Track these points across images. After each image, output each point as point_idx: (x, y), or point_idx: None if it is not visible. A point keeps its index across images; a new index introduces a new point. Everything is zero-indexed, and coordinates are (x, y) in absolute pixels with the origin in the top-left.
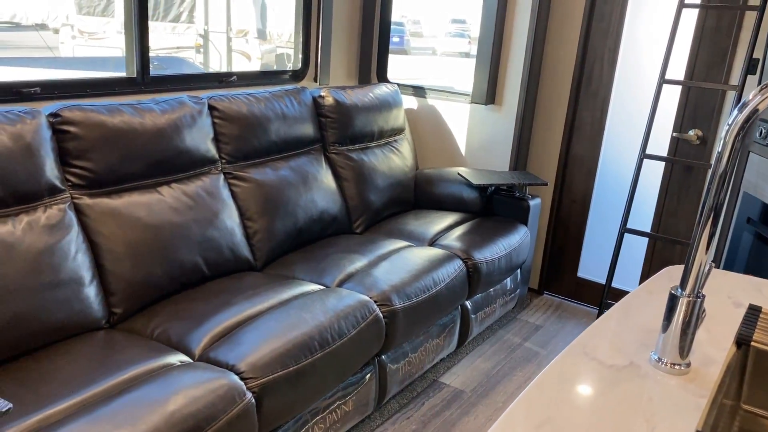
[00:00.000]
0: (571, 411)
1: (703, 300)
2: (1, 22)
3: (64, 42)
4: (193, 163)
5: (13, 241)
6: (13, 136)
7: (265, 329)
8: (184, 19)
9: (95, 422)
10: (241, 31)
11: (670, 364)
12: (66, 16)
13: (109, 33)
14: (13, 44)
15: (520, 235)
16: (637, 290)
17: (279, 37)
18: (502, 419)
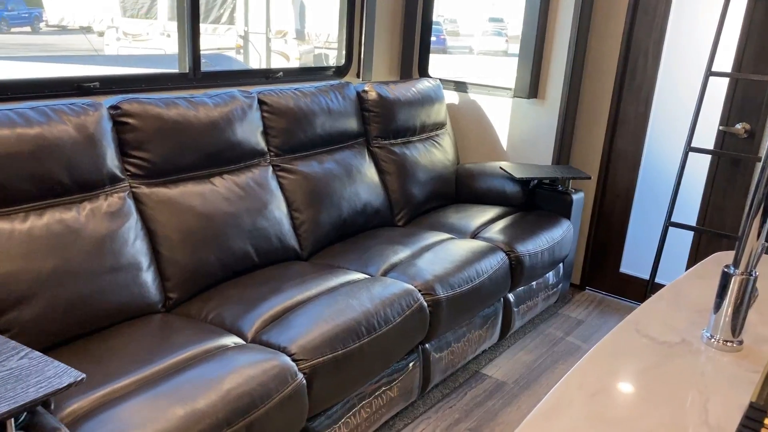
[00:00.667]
0: (624, 382)
1: (756, 279)
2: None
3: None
4: (244, 155)
5: (77, 227)
6: (78, 126)
7: (314, 314)
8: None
9: (158, 397)
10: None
11: (723, 341)
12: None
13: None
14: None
15: (563, 229)
16: (687, 274)
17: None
18: (556, 389)
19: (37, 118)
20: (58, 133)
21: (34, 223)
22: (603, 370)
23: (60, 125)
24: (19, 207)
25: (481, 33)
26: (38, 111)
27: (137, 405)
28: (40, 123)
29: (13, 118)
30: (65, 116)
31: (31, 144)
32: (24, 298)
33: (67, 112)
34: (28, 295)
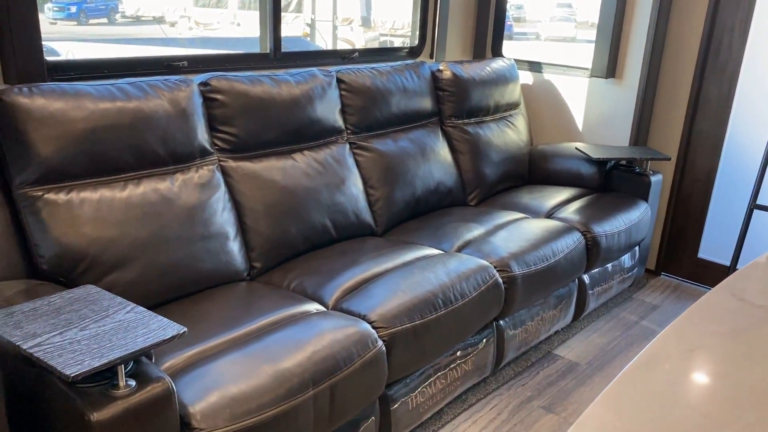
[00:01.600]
0: (721, 341)
1: None
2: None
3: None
4: (323, 132)
5: (171, 197)
6: (172, 101)
7: (392, 285)
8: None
9: (248, 356)
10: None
11: None
12: (183, 8)
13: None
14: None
15: (641, 211)
16: None
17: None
18: (651, 345)
19: (135, 93)
20: (154, 106)
21: (132, 192)
22: (699, 329)
23: (156, 99)
24: (119, 176)
25: (549, 19)
26: (136, 86)
27: (230, 362)
28: (137, 97)
29: (113, 92)
30: (160, 91)
31: (130, 116)
32: (124, 261)
33: (161, 88)
34: (128, 259)
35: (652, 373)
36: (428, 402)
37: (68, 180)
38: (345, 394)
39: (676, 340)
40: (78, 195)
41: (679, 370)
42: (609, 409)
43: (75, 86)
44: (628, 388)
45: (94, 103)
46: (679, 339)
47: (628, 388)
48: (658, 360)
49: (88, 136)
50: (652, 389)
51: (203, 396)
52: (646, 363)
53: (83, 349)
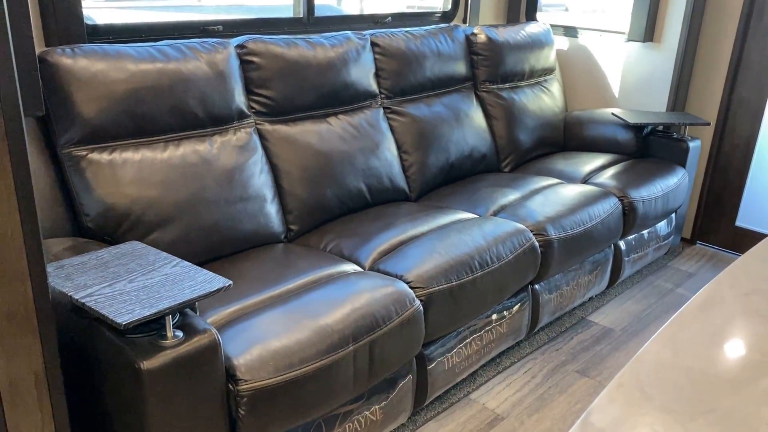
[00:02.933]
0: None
1: None
2: None
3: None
4: (357, 96)
5: (210, 158)
6: (210, 63)
7: (428, 247)
8: None
9: (289, 312)
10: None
11: None
12: None
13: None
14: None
15: (678, 177)
16: None
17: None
18: (704, 289)
19: (174, 54)
20: (192, 68)
21: (173, 153)
22: (754, 274)
23: (194, 61)
24: (159, 137)
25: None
26: (174, 48)
27: (271, 318)
28: (176, 59)
29: (153, 53)
30: (198, 53)
31: (169, 78)
32: (165, 221)
33: (199, 49)
34: (169, 219)
35: (707, 315)
36: (464, 363)
37: (111, 140)
38: (383, 351)
39: (731, 285)
40: (120, 155)
41: (734, 312)
42: (666, 346)
43: (116, 47)
44: (684, 328)
45: (134, 64)
46: (733, 283)
47: (684, 328)
48: (713, 303)
49: (129, 96)
50: (708, 329)
51: (247, 349)
52: (702, 305)
53: (132, 300)
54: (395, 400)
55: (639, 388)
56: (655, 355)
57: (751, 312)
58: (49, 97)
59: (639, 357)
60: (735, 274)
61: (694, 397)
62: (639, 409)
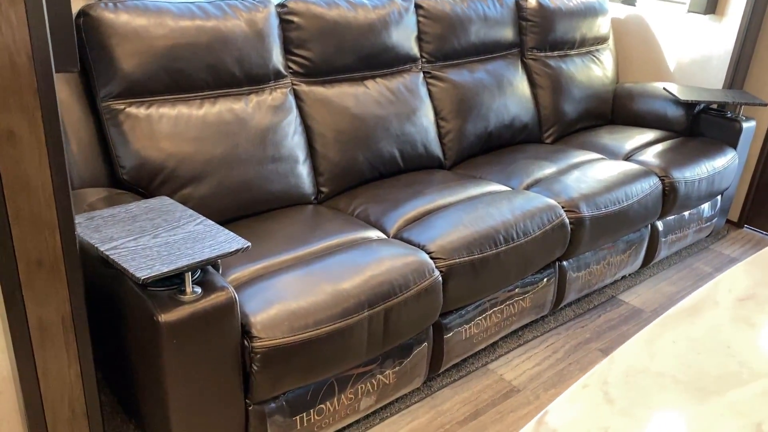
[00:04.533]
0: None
1: None
2: None
3: None
4: (397, 60)
5: (245, 117)
6: (249, 21)
7: (455, 218)
8: None
9: (309, 274)
10: None
11: None
12: None
13: None
14: None
15: (727, 159)
16: None
17: None
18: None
19: (213, 12)
20: (231, 26)
21: (208, 110)
22: (756, 279)
23: (233, 20)
24: (196, 94)
25: None
26: (215, 5)
27: (291, 279)
28: (216, 16)
29: (193, 10)
30: (238, 11)
31: (208, 35)
32: (198, 176)
33: (239, 8)
34: (202, 175)
35: (695, 318)
36: (482, 334)
37: (149, 95)
38: (399, 319)
39: (729, 288)
40: (157, 110)
41: (724, 318)
42: (643, 349)
43: (157, 3)
44: (668, 330)
45: (174, 21)
46: (732, 287)
47: (668, 330)
48: (704, 306)
49: (167, 52)
50: (692, 334)
51: (264, 308)
52: (692, 308)
53: (154, 255)
54: (409, 366)
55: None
56: (630, 357)
57: (741, 319)
58: (90, 51)
59: (613, 357)
60: (736, 276)
61: (657, 404)
62: (597, 412)
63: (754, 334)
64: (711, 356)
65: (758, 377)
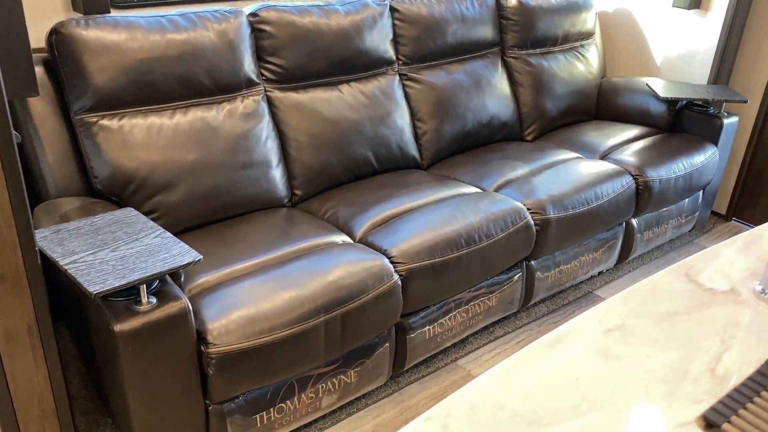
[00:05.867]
0: (647, 321)
1: None
2: None
3: None
4: (372, 64)
5: (216, 126)
6: (219, 33)
7: (419, 222)
8: None
9: (269, 280)
10: None
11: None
12: None
13: None
14: None
15: (706, 155)
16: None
17: None
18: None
19: (184, 25)
20: (201, 38)
21: (180, 120)
22: (630, 308)
23: (203, 31)
24: (168, 105)
25: None
26: (186, 18)
27: (251, 285)
28: (186, 29)
29: (164, 24)
30: (208, 23)
31: (178, 48)
32: (170, 184)
33: (210, 19)
34: (173, 182)
35: (556, 350)
36: (447, 333)
37: (121, 107)
38: (357, 322)
39: (600, 319)
40: (129, 121)
41: (586, 350)
42: (495, 381)
43: (128, 18)
44: (527, 361)
45: (144, 35)
46: (603, 318)
47: (527, 361)
48: (572, 336)
49: (138, 66)
50: (548, 367)
51: (221, 315)
52: (556, 339)
53: (109, 270)
54: (371, 365)
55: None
56: (479, 389)
57: (599, 351)
58: (63, 67)
59: (464, 390)
60: (612, 306)
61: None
62: None
63: (607, 366)
64: (557, 388)
65: (595, 409)
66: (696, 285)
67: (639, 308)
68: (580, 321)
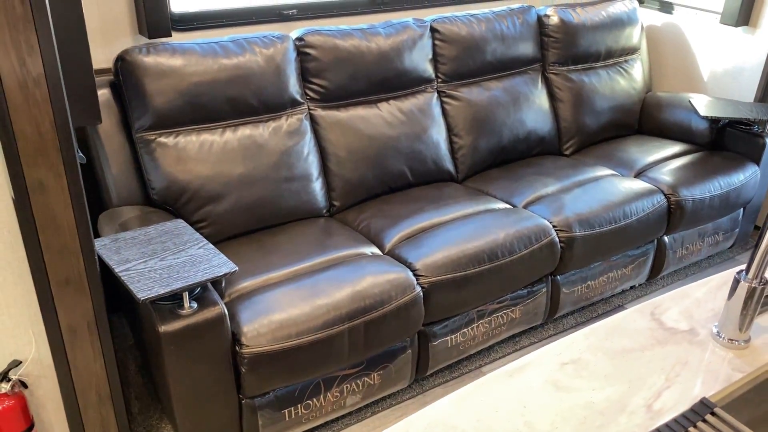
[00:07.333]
0: (602, 357)
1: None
2: None
3: None
4: (411, 82)
5: (262, 142)
6: (267, 58)
7: (445, 237)
8: None
9: (299, 288)
10: None
11: (728, 338)
12: None
13: None
14: None
15: (746, 175)
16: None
17: None
18: (537, 352)
19: (234, 50)
20: (250, 62)
21: (229, 137)
22: (590, 343)
23: (252, 56)
24: (218, 123)
25: None
26: (236, 43)
27: (284, 292)
28: (237, 54)
29: (216, 50)
30: (257, 48)
31: (229, 72)
32: (218, 196)
33: (258, 44)
34: (221, 194)
35: (514, 379)
36: (469, 342)
37: (176, 126)
38: (379, 330)
39: (559, 352)
40: (184, 138)
41: (539, 382)
42: (454, 404)
43: (183, 45)
44: (485, 389)
45: (198, 61)
46: (562, 351)
47: (485, 389)
48: (529, 368)
49: (193, 89)
50: (503, 395)
51: (254, 319)
52: (517, 370)
53: (156, 277)
54: (393, 369)
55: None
56: (437, 411)
57: (552, 383)
58: (127, 90)
59: (424, 411)
60: (573, 340)
61: None
62: None
63: (555, 397)
64: (505, 415)
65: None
66: (658, 324)
67: (598, 343)
68: (541, 353)
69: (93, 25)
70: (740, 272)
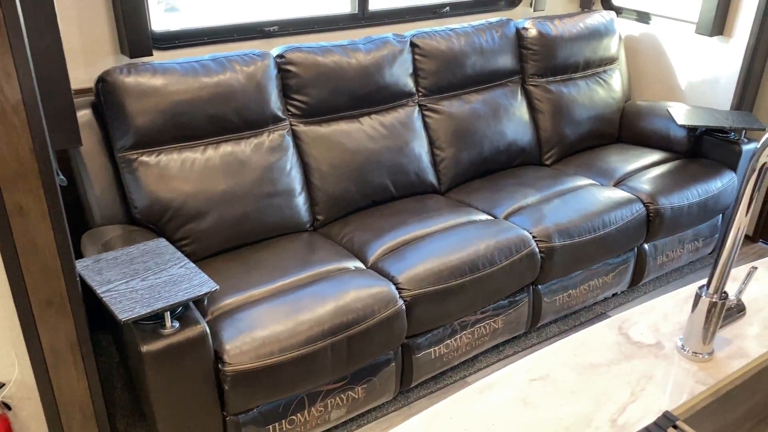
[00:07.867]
0: (570, 372)
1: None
2: None
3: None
4: (392, 97)
5: (244, 159)
6: (248, 75)
7: (427, 250)
8: None
9: (282, 305)
10: None
11: (692, 351)
12: None
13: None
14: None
15: (724, 182)
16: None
17: None
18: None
19: (214, 68)
20: (231, 81)
21: (211, 155)
22: (558, 359)
23: (233, 74)
24: (200, 141)
25: None
26: (217, 62)
27: (267, 309)
28: (217, 73)
29: (197, 68)
30: (238, 66)
31: (209, 91)
32: (201, 213)
33: (238, 62)
34: (204, 212)
35: (484, 396)
36: (453, 353)
37: (158, 145)
38: (362, 344)
39: (528, 368)
40: (165, 157)
41: (507, 399)
42: (426, 422)
43: (164, 65)
44: (456, 406)
45: (179, 80)
46: (531, 367)
47: (456, 406)
48: (499, 385)
49: (174, 108)
50: (473, 412)
51: (237, 336)
52: (487, 387)
53: (138, 298)
54: (378, 382)
55: None
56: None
57: (520, 399)
58: (108, 110)
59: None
60: (542, 357)
61: None
62: None
63: (522, 413)
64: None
65: None
66: (625, 338)
67: (566, 359)
68: (511, 370)
69: (74, 46)
70: (702, 287)
